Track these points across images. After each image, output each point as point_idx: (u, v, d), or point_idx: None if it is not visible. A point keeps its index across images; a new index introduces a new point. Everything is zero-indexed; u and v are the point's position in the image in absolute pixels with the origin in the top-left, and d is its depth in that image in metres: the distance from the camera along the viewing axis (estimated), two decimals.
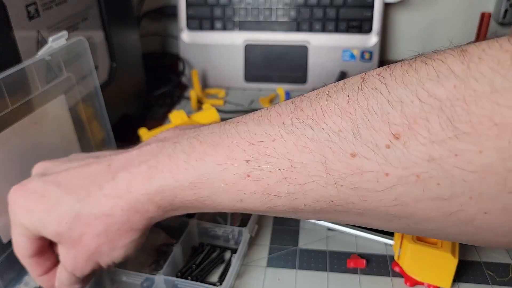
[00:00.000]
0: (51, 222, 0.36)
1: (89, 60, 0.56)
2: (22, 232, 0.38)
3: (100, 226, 0.36)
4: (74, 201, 0.36)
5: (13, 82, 0.45)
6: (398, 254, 0.48)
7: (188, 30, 0.96)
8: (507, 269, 0.49)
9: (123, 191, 0.35)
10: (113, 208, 0.35)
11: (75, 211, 0.36)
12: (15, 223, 0.38)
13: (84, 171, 0.38)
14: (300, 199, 0.30)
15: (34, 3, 0.51)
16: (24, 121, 0.47)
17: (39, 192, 0.37)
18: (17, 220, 0.38)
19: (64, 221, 0.36)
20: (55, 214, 0.36)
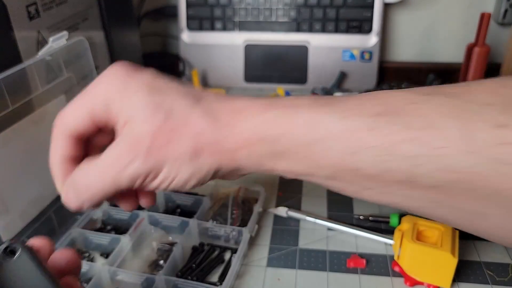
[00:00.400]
0: (148, 103, 0.32)
1: (89, 60, 0.56)
2: (90, 103, 0.34)
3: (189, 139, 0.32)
4: (189, 101, 0.33)
5: (13, 82, 0.45)
6: (398, 254, 0.49)
7: (188, 30, 0.96)
8: (507, 268, 0.49)
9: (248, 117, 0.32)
10: (221, 128, 0.32)
11: (185, 106, 0.32)
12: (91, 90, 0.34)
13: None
14: (425, 165, 0.28)
15: (35, 3, 0.51)
16: (24, 121, 0.47)
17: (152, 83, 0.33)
18: (101, 83, 0.34)
19: (166, 107, 0.32)
20: (157, 98, 0.32)
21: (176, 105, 0.32)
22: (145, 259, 0.52)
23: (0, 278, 0.22)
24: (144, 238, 0.54)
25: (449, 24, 0.97)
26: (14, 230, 0.47)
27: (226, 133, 0.32)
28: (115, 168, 0.32)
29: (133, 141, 0.32)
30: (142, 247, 0.54)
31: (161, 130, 0.31)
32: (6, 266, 0.22)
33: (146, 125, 0.32)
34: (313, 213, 0.57)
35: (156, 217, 0.55)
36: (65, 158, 0.35)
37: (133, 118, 0.32)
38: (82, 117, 0.34)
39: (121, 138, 0.33)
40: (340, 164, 0.31)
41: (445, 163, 0.27)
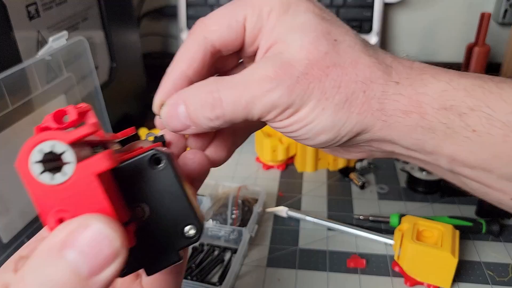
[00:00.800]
0: (319, 23, 0.28)
1: (89, 60, 0.56)
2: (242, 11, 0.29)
3: (361, 77, 0.27)
4: (360, 42, 0.28)
5: (13, 82, 0.45)
6: (398, 254, 0.49)
7: (188, 30, 0.96)
8: (507, 269, 0.49)
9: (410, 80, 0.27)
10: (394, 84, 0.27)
11: (357, 44, 0.28)
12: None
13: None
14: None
15: (35, 3, 0.51)
16: (24, 121, 0.47)
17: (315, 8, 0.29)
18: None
19: (335, 38, 0.27)
20: (331, 23, 0.28)
21: (347, 40, 0.27)
22: None
23: (140, 185, 0.22)
24: None
25: (449, 24, 0.97)
26: (14, 229, 0.47)
27: (399, 90, 0.27)
28: (253, 91, 0.26)
29: (282, 66, 0.27)
30: None
31: (321, 62, 0.27)
32: (148, 174, 0.22)
33: (304, 51, 0.27)
34: (313, 213, 0.57)
35: None
36: (186, 74, 0.29)
37: (289, 40, 0.27)
38: (230, 26, 0.29)
39: (267, 59, 0.27)
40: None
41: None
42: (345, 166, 0.67)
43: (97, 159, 0.18)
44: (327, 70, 0.27)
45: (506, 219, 0.56)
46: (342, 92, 0.27)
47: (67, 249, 0.18)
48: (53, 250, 0.18)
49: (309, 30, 0.27)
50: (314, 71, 0.26)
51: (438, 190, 0.61)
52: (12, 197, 0.46)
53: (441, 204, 0.59)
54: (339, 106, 0.27)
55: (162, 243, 0.21)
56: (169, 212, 0.22)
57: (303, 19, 0.28)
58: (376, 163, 0.68)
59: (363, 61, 0.27)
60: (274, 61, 0.27)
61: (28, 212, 0.49)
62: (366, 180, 0.64)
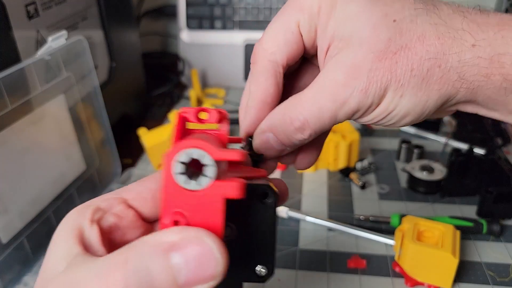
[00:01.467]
0: (369, 12, 0.26)
1: (88, 59, 0.56)
2: (301, 15, 0.28)
3: (432, 57, 0.26)
4: (418, 5, 0.27)
5: (12, 82, 0.45)
6: (399, 255, 0.48)
7: (187, 29, 0.96)
8: (508, 269, 0.49)
9: (487, 35, 0.25)
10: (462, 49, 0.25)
11: (414, 15, 0.26)
12: (302, 3, 0.28)
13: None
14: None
15: (34, 2, 0.51)
16: (23, 120, 0.47)
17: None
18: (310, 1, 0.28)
19: (393, 18, 0.26)
20: (382, 7, 0.26)
21: (407, 16, 0.26)
22: None
23: (240, 208, 0.22)
24: None
25: None
26: (13, 230, 0.47)
27: (477, 53, 0.25)
28: (331, 105, 0.27)
29: (349, 70, 0.26)
30: None
31: (386, 50, 0.26)
32: (253, 202, 0.22)
33: (365, 45, 0.26)
34: (313, 214, 0.57)
35: None
36: (265, 102, 0.29)
37: (346, 36, 0.26)
38: (288, 41, 0.28)
39: (333, 66, 0.27)
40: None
41: None
42: (345, 166, 0.66)
43: (231, 186, 0.19)
44: (395, 57, 0.26)
45: (507, 219, 0.56)
46: (416, 74, 0.26)
47: (174, 252, 0.19)
48: (161, 247, 0.19)
49: (363, 19, 0.26)
50: (382, 63, 0.26)
51: (439, 190, 0.61)
52: (11, 197, 0.46)
53: (442, 204, 0.59)
54: (417, 88, 0.26)
55: (233, 268, 0.21)
56: (252, 245, 0.23)
57: (354, 8, 0.26)
58: (377, 163, 0.68)
59: (430, 33, 0.26)
60: (340, 66, 0.27)
61: (27, 212, 0.49)
62: (367, 180, 0.64)
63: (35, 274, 0.48)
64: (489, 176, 0.58)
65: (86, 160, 0.58)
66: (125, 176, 0.65)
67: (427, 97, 0.27)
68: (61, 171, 0.53)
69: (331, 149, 0.65)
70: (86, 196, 0.58)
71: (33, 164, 0.49)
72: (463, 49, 0.25)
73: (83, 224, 0.22)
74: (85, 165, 0.58)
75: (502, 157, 0.61)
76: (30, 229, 0.49)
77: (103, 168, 0.61)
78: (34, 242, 0.49)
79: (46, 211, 0.51)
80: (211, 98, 0.93)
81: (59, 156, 0.53)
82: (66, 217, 0.23)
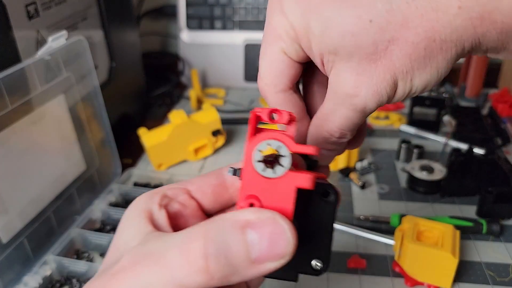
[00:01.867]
0: (348, 21, 0.25)
1: (88, 59, 0.56)
2: (289, 46, 0.28)
3: (422, 35, 0.25)
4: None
5: (12, 82, 0.45)
6: (399, 254, 0.48)
7: (187, 29, 0.96)
8: (507, 269, 0.49)
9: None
10: (450, 16, 0.24)
11: (390, 6, 0.25)
12: (280, 29, 0.28)
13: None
14: None
15: (34, 2, 0.51)
16: (23, 120, 0.47)
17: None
18: (287, 24, 0.27)
19: (369, 17, 0.25)
20: (356, 11, 0.25)
21: (378, 10, 0.25)
22: None
23: (301, 203, 0.23)
24: None
25: None
26: (13, 230, 0.47)
27: (467, 14, 0.24)
28: (356, 111, 0.28)
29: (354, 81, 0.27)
30: None
31: (376, 52, 0.26)
32: (314, 198, 0.24)
33: (356, 56, 0.26)
34: None
35: None
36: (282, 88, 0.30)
37: (334, 50, 0.26)
38: (281, 71, 0.29)
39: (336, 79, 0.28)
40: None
41: None
42: (345, 166, 0.67)
43: (304, 177, 0.22)
44: (387, 53, 0.26)
45: (507, 219, 0.56)
46: (415, 58, 0.26)
47: (250, 229, 0.20)
48: (238, 224, 0.21)
49: (341, 30, 0.26)
50: (378, 64, 0.26)
51: (439, 190, 0.61)
52: (12, 197, 0.46)
53: (442, 204, 0.59)
54: (422, 67, 0.26)
55: (290, 260, 0.22)
56: (311, 239, 0.24)
57: (326, 22, 0.26)
58: (377, 163, 0.68)
59: (411, 16, 0.25)
60: (342, 78, 0.27)
61: (27, 212, 0.49)
62: (367, 180, 0.64)
63: (35, 274, 0.48)
64: (489, 176, 0.58)
65: (86, 160, 0.58)
66: (125, 176, 0.65)
67: (436, 68, 0.26)
68: (61, 171, 0.53)
69: None
70: (86, 196, 0.58)
71: (33, 164, 0.49)
72: (450, 17, 0.24)
73: (152, 207, 0.25)
74: (85, 165, 0.58)
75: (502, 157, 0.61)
76: (30, 229, 0.49)
77: (103, 168, 0.61)
78: (34, 242, 0.49)
79: (46, 211, 0.51)
80: (211, 98, 0.93)
81: (59, 156, 0.53)
82: (135, 201, 0.25)
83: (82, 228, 0.54)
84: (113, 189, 0.61)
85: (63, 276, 0.50)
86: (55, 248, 0.51)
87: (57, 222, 0.53)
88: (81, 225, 0.55)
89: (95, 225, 0.57)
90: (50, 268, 0.49)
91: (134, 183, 0.65)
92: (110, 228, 0.56)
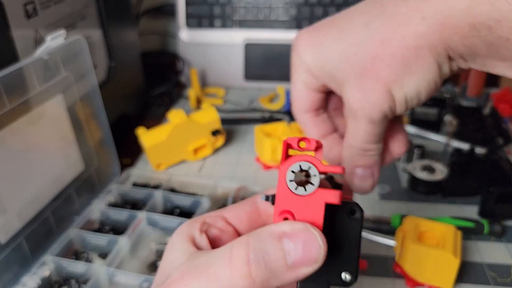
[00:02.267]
0: (341, 49, 0.32)
1: (87, 59, 0.56)
2: (304, 78, 0.35)
3: (397, 47, 0.29)
4: (367, 19, 0.31)
5: (10, 81, 0.44)
6: (399, 255, 0.48)
7: (187, 28, 0.95)
8: (509, 270, 0.49)
9: (432, 6, 0.28)
10: (412, 15, 0.28)
11: (369, 30, 0.30)
12: (297, 66, 0.35)
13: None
14: None
15: (32, 1, 0.51)
16: (21, 120, 0.47)
17: (326, 23, 0.34)
18: (301, 61, 0.34)
19: (356, 42, 0.31)
20: (345, 41, 0.31)
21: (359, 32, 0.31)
22: (144, 260, 0.52)
23: (330, 221, 0.26)
24: (143, 239, 0.54)
25: None
26: (12, 230, 0.46)
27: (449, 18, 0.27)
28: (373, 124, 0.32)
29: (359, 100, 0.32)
30: (141, 248, 0.53)
31: (366, 71, 0.31)
32: (341, 217, 0.26)
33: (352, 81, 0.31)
34: None
35: (154, 218, 0.55)
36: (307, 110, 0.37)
37: (339, 77, 0.32)
38: (304, 97, 0.36)
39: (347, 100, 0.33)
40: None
41: None
42: None
43: (332, 193, 0.25)
44: (375, 66, 0.30)
45: (509, 220, 0.56)
46: (397, 68, 0.30)
47: (286, 238, 0.23)
48: (275, 235, 0.23)
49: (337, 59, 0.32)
50: (371, 76, 0.31)
51: (440, 191, 0.60)
52: (10, 197, 0.46)
53: (443, 204, 0.59)
54: (407, 75, 0.30)
55: (322, 272, 0.25)
56: (340, 253, 0.26)
57: (327, 52, 0.32)
58: None
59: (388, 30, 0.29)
60: (350, 98, 0.32)
61: (26, 212, 0.48)
62: None
63: (34, 275, 0.48)
64: (491, 176, 0.58)
65: (85, 160, 0.57)
66: (124, 176, 0.64)
67: (422, 74, 0.30)
68: (60, 171, 0.53)
69: None
70: (85, 196, 0.58)
71: (32, 164, 0.49)
72: (416, 27, 0.28)
73: (194, 233, 0.28)
74: (84, 165, 0.57)
75: (504, 157, 0.60)
76: (28, 229, 0.49)
77: (102, 168, 0.61)
78: (32, 243, 0.49)
79: (45, 211, 0.51)
80: (211, 97, 0.92)
81: (58, 156, 0.53)
82: (177, 229, 0.29)
83: (80, 228, 0.54)
84: (112, 189, 0.61)
85: (62, 276, 0.49)
86: (53, 249, 0.51)
87: (55, 223, 0.53)
88: (79, 225, 0.54)
89: (93, 226, 0.57)
90: (49, 269, 0.49)
91: (133, 183, 0.65)
92: (109, 228, 0.56)
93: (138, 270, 0.50)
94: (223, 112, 0.84)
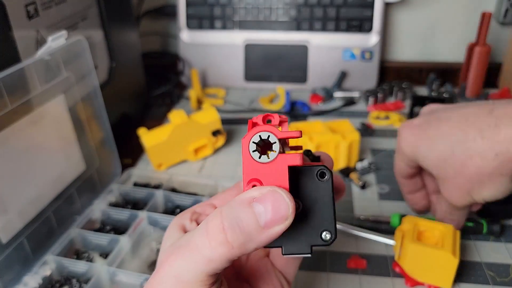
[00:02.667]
0: (431, 158, 0.44)
1: (88, 59, 0.56)
2: (403, 159, 0.47)
3: (472, 168, 0.41)
4: (453, 142, 0.42)
5: (12, 82, 0.45)
6: (399, 255, 0.48)
7: (187, 29, 0.96)
8: (508, 269, 0.49)
9: (503, 137, 0.38)
10: (488, 152, 0.39)
11: (452, 150, 0.42)
12: (399, 151, 0.48)
13: (464, 112, 0.42)
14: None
15: (34, 2, 0.51)
16: (23, 121, 0.47)
17: (422, 127, 0.45)
18: (401, 150, 0.47)
19: (443, 157, 0.43)
20: (435, 152, 0.43)
21: (459, 139, 0.42)
22: (145, 259, 0.52)
23: (303, 186, 0.28)
24: (143, 238, 0.54)
25: (450, 24, 0.96)
26: (13, 230, 0.47)
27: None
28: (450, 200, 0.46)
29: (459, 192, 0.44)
30: (142, 248, 0.53)
31: (453, 174, 0.43)
32: (312, 181, 0.28)
33: (441, 177, 0.45)
34: None
35: (155, 218, 0.55)
36: (404, 177, 0.51)
37: (442, 173, 0.44)
38: (403, 171, 0.49)
39: (447, 192, 0.45)
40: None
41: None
42: (345, 166, 0.66)
43: (293, 156, 0.26)
44: (458, 176, 0.43)
45: (507, 220, 0.56)
46: (474, 182, 0.42)
47: (256, 202, 0.25)
48: (246, 201, 0.25)
49: (437, 160, 0.44)
50: (456, 180, 0.43)
51: None
52: (11, 197, 0.46)
53: None
54: (482, 187, 0.42)
55: (303, 235, 0.27)
56: (316, 215, 0.28)
57: (427, 150, 0.45)
58: (377, 163, 0.68)
59: (467, 158, 0.42)
60: (450, 192, 0.45)
61: (27, 212, 0.49)
62: (367, 180, 0.64)
63: (35, 274, 0.48)
64: None
65: (86, 160, 0.58)
66: (125, 176, 0.65)
67: (495, 186, 0.41)
68: (61, 171, 0.53)
69: (331, 149, 0.65)
70: (86, 196, 0.58)
71: (33, 164, 0.49)
72: (490, 162, 0.40)
73: (185, 222, 0.32)
74: (85, 165, 0.58)
75: None
76: (30, 229, 0.49)
77: (103, 168, 0.61)
78: (34, 242, 0.49)
79: (46, 211, 0.51)
80: (211, 98, 0.93)
81: (59, 156, 0.53)
82: (171, 222, 0.32)
83: (82, 228, 0.54)
84: (113, 189, 0.61)
85: (63, 276, 0.50)
86: (55, 248, 0.51)
87: (57, 222, 0.53)
88: (81, 225, 0.55)
89: (95, 225, 0.57)
90: (50, 268, 0.49)
91: (134, 183, 0.65)
92: (110, 228, 0.56)
93: (139, 270, 0.50)
94: (223, 113, 0.84)
